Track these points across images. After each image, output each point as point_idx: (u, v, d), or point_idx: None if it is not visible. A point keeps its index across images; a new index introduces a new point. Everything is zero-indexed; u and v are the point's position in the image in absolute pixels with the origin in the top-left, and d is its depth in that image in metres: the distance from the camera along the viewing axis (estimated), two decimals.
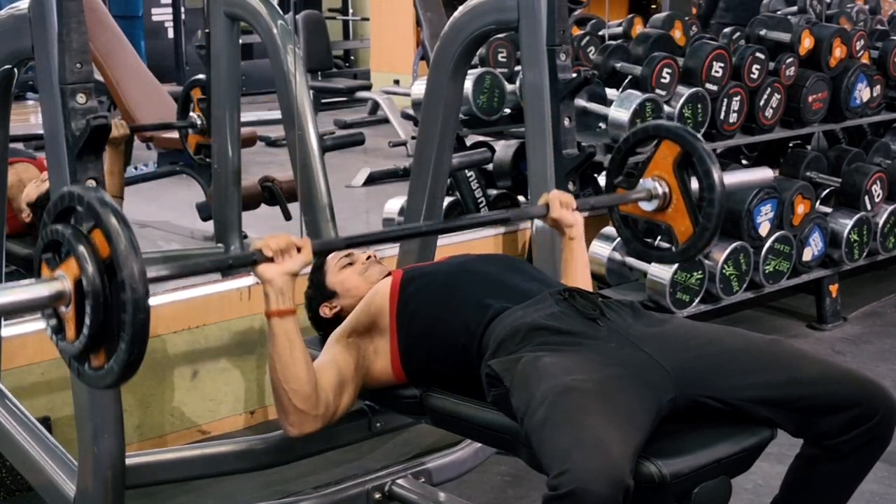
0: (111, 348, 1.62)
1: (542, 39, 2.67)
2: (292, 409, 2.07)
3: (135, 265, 1.57)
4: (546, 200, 2.36)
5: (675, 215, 2.39)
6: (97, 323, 1.61)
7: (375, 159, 6.54)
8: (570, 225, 2.36)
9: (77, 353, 1.66)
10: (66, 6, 2.03)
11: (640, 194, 2.40)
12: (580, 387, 1.82)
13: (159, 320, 3.19)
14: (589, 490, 1.62)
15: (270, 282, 1.97)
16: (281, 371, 2.04)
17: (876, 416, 1.89)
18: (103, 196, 1.62)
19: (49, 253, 1.68)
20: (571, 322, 2.03)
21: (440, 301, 2.20)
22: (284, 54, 3.52)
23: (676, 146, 2.36)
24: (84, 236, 1.62)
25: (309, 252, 2.00)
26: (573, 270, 2.38)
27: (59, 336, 1.70)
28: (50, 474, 2.41)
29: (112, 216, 1.59)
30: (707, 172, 2.32)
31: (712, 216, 2.32)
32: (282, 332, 2.02)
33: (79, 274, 1.61)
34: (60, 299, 1.65)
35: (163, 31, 9.59)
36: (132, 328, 1.57)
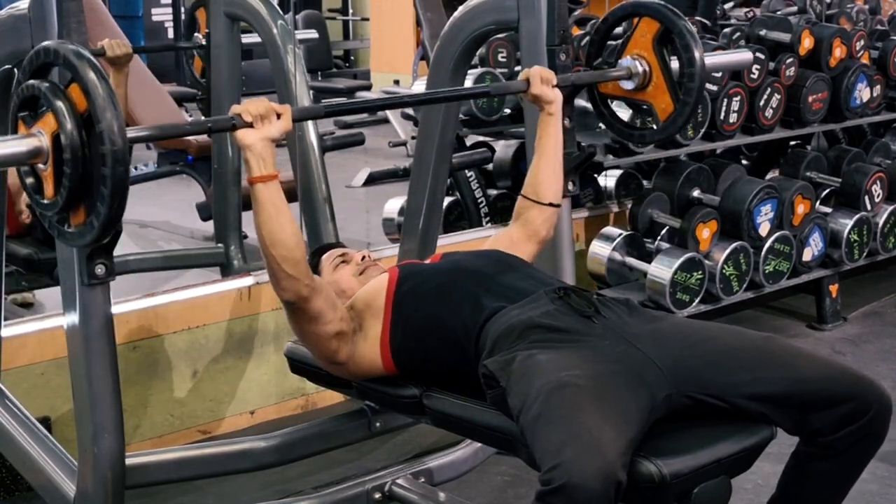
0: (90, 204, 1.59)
1: (542, 39, 2.67)
2: (283, 274, 2.05)
3: (113, 117, 1.55)
4: (527, 76, 2.37)
5: (655, 93, 2.40)
6: (76, 177, 1.58)
7: (375, 159, 6.54)
8: (550, 101, 2.38)
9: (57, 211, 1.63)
10: (66, 6, 2.02)
11: (620, 72, 2.41)
12: (574, 383, 1.82)
13: (159, 320, 3.19)
14: (580, 485, 1.62)
15: (250, 147, 1.96)
16: (268, 237, 2.03)
17: (869, 412, 1.90)
18: (80, 49, 1.60)
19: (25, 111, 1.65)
20: (566, 320, 2.03)
21: (435, 300, 2.20)
22: (284, 54, 3.52)
23: (656, 23, 2.37)
24: (61, 91, 1.59)
25: (289, 118, 2.00)
26: (547, 146, 2.41)
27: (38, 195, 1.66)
28: (50, 474, 2.41)
29: (89, 69, 1.56)
30: (686, 47, 2.32)
31: (692, 91, 2.33)
32: (266, 197, 2.01)
33: (56, 129, 1.58)
34: (38, 156, 1.62)
35: (163, 31, 9.59)
36: (112, 181, 1.55)
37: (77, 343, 2.18)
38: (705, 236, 3.82)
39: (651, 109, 2.41)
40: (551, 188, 2.42)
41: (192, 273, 4.24)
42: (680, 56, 2.34)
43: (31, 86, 1.63)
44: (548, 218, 2.42)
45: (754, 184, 3.93)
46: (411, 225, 3.13)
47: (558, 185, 2.44)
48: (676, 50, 2.35)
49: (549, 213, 2.42)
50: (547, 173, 2.42)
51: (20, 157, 1.62)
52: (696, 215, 3.82)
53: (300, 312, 2.14)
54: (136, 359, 3.14)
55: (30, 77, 1.65)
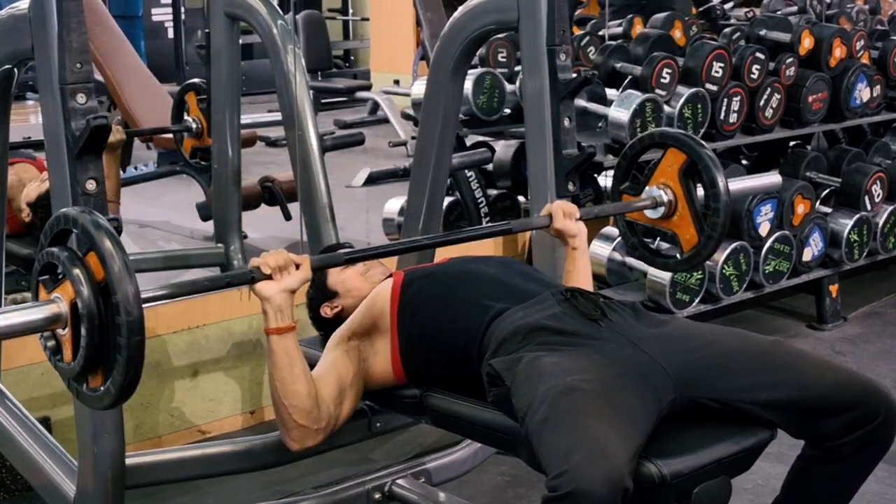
0: (108, 369, 1.63)
1: (542, 39, 2.67)
2: (293, 424, 2.07)
3: (129, 287, 1.58)
4: (549, 211, 2.36)
5: (680, 223, 2.39)
6: (93, 345, 1.62)
7: (375, 159, 6.54)
8: (574, 235, 2.36)
9: (75, 375, 1.67)
10: (66, 6, 2.02)
11: (645, 202, 2.40)
12: (581, 387, 1.82)
13: (159, 320, 3.19)
14: (588, 491, 1.62)
15: (269, 299, 1.97)
16: (281, 388, 2.04)
17: (877, 418, 1.89)
18: (97, 219, 1.63)
19: (45, 275, 1.70)
20: (572, 322, 2.03)
21: (441, 302, 2.19)
22: (284, 54, 3.52)
23: (682, 154, 2.36)
24: (79, 259, 1.63)
25: (307, 269, 1.99)
26: (575, 280, 2.36)
27: (56, 357, 1.71)
28: (50, 474, 2.41)
29: (106, 239, 1.60)
30: (713, 181, 2.32)
31: (717, 225, 2.32)
32: (281, 349, 2.01)
33: (74, 297, 1.62)
34: (57, 322, 1.66)
35: (163, 31, 9.59)
36: (127, 350, 1.59)
37: None
38: None
39: (675, 239, 2.41)
40: None
41: (192, 273, 4.24)
42: (706, 188, 2.34)
43: (51, 253, 1.67)
44: None
45: None
46: (411, 225, 3.13)
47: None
48: (702, 182, 2.34)
49: None
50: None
51: (39, 325, 1.67)
52: None
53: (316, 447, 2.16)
54: None
55: (50, 242, 1.68)
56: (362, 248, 2.29)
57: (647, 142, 2.47)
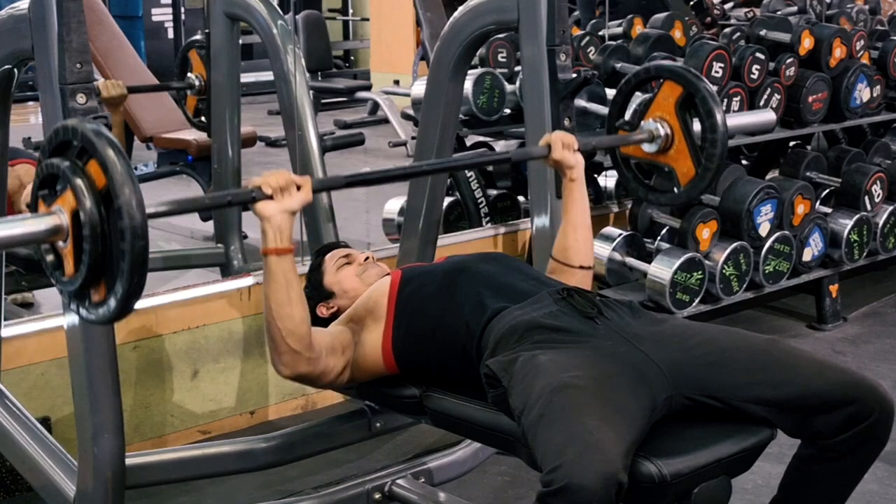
0: (110, 280, 1.59)
1: (542, 39, 2.67)
2: (286, 348, 2.05)
3: (131, 192, 1.55)
4: (548, 141, 2.34)
5: (676, 157, 2.37)
6: (95, 254, 1.59)
7: (375, 159, 6.55)
8: (572, 166, 2.34)
9: (77, 289, 1.63)
10: (66, 6, 2.02)
11: (641, 135, 2.38)
12: (576, 384, 1.82)
13: (159, 320, 3.19)
14: (582, 486, 1.62)
15: (269, 219, 1.95)
16: (276, 310, 2.02)
17: (871, 416, 1.89)
18: (98, 127, 1.61)
19: (45, 189, 1.66)
20: (569, 320, 2.03)
21: (439, 301, 2.19)
22: (284, 54, 3.52)
23: (679, 87, 2.35)
24: (80, 168, 1.60)
25: (309, 190, 1.98)
26: (574, 212, 2.37)
27: (58, 272, 1.67)
28: (50, 474, 2.41)
29: (107, 146, 1.57)
30: (709, 113, 2.30)
31: (714, 157, 2.31)
32: (279, 270, 2.00)
33: (75, 206, 1.59)
34: (58, 233, 1.62)
35: (163, 31, 9.59)
36: (131, 256, 1.56)
37: (77, 343, 2.18)
38: (705, 236, 3.82)
39: (672, 173, 2.39)
40: (580, 252, 2.38)
41: (192, 273, 4.24)
42: (703, 120, 2.32)
43: (51, 164, 1.64)
44: (580, 280, 2.36)
45: (754, 184, 3.93)
46: (411, 225, 3.13)
47: (588, 248, 2.40)
48: (699, 114, 2.33)
49: (580, 276, 2.37)
50: (576, 237, 2.37)
51: (40, 236, 1.63)
52: (696, 215, 3.82)
53: (303, 379, 2.16)
54: (136, 359, 3.14)
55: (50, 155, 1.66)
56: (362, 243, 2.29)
57: (644, 75, 2.45)
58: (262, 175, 1.96)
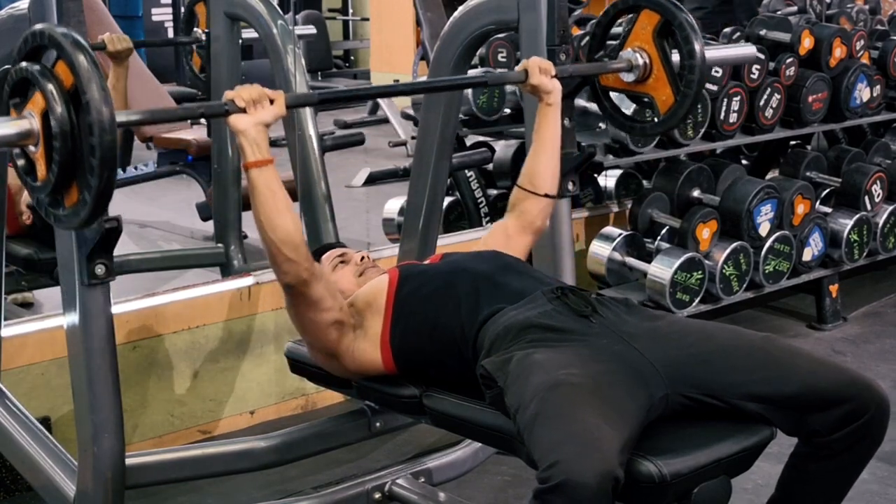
0: (82, 180, 1.60)
1: (542, 39, 2.67)
2: (283, 258, 2.06)
3: (98, 88, 1.57)
4: (525, 66, 2.36)
5: (655, 85, 2.39)
6: (66, 153, 1.60)
7: (375, 159, 6.54)
8: (549, 91, 2.37)
9: (49, 192, 1.64)
10: (66, 6, 2.03)
11: (620, 64, 2.40)
12: (570, 381, 1.83)
13: (159, 320, 3.19)
14: (578, 482, 1.62)
15: (244, 132, 1.97)
16: (266, 221, 2.03)
17: (867, 413, 1.89)
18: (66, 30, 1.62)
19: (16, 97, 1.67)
20: (563, 319, 2.03)
21: (435, 303, 2.20)
22: (284, 54, 3.52)
23: (656, 15, 2.36)
24: (48, 69, 1.61)
25: (282, 103, 2.00)
26: (545, 137, 2.40)
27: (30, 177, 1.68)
28: (50, 474, 2.41)
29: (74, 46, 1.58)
30: (686, 39, 2.32)
31: (693, 83, 2.32)
32: (262, 182, 2.01)
33: (45, 108, 1.60)
34: (29, 137, 1.64)
35: (163, 31, 9.59)
36: (100, 150, 1.56)
37: (77, 343, 2.18)
38: (705, 236, 3.82)
39: (652, 102, 2.40)
40: (548, 179, 2.42)
41: (192, 273, 4.24)
42: (680, 48, 2.34)
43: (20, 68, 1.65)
44: (543, 209, 2.43)
45: (754, 184, 3.93)
46: (411, 225, 3.13)
47: (555, 175, 2.44)
48: (677, 42, 2.35)
49: (544, 204, 2.43)
50: (544, 163, 2.42)
51: (10, 139, 1.64)
52: (696, 215, 3.82)
53: (300, 297, 2.14)
54: (136, 359, 3.14)
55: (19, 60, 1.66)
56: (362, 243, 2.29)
57: (621, 5, 2.46)
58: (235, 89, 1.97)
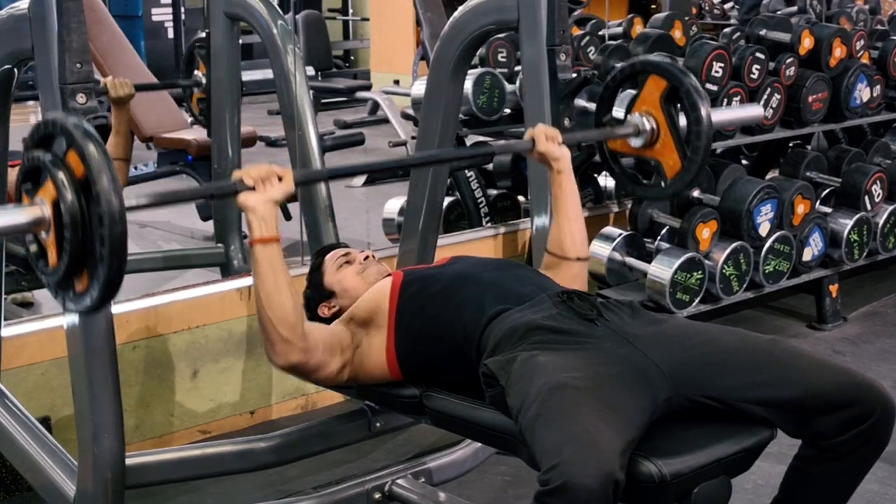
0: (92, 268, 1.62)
1: (542, 39, 2.67)
2: (278, 337, 2.06)
3: (108, 179, 1.58)
4: (532, 135, 2.35)
5: (663, 150, 2.39)
6: (76, 241, 1.61)
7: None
8: (557, 158, 2.35)
9: (60, 279, 1.66)
10: (66, 6, 2.03)
11: (627, 130, 2.40)
12: (573, 383, 1.82)
13: (159, 320, 3.19)
14: (579, 484, 1.62)
15: (253, 209, 1.98)
16: (265, 298, 2.04)
17: (872, 416, 1.89)
18: (77, 120, 1.64)
19: (28, 183, 1.69)
20: (568, 322, 2.03)
21: (440, 304, 2.20)
22: (284, 54, 3.52)
23: (663, 81, 2.36)
24: (59, 159, 1.63)
25: (290, 181, 2.01)
26: (563, 204, 2.37)
27: (41, 262, 1.70)
28: (50, 474, 2.41)
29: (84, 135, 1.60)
30: (694, 105, 2.31)
31: (700, 149, 2.32)
32: (265, 259, 2.02)
33: (56, 196, 1.62)
34: (41, 224, 1.65)
35: (163, 31, 9.59)
36: (110, 241, 1.58)
37: (77, 343, 2.18)
38: (705, 236, 3.82)
39: (659, 167, 2.40)
40: (575, 244, 2.38)
41: (192, 273, 4.24)
42: (687, 114, 2.33)
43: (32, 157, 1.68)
44: (577, 273, 2.37)
45: (754, 184, 3.93)
46: (411, 225, 3.13)
47: (582, 239, 2.40)
48: (684, 108, 2.34)
49: (577, 268, 2.37)
50: (569, 230, 2.37)
51: (23, 227, 1.67)
52: (696, 215, 3.82)
53: (298, 371, 2.16)
54: (136, 359, 3.14)
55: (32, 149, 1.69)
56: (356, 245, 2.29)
57: (629, 70, 2.46)
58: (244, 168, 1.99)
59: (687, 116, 2.34)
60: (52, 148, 1.66)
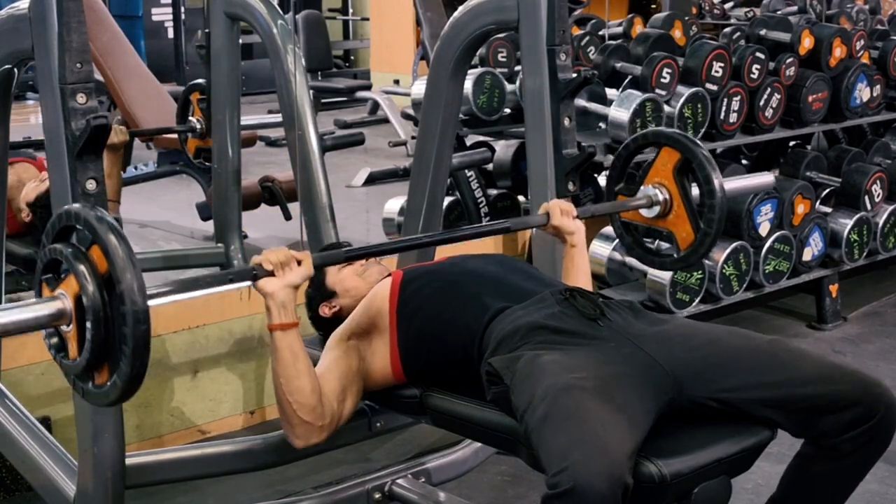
0: (114, 364, 1.63)
1: (542, 39, 2.67)
2: (298, 421, 2.08)
3: (133, 277, 1.58)
4: (546, 209, 2.37)
5: (676, 221, 2.40)
6: (98, 338, 1.62)
7: (375, 159, 6.55)
8: (571, 233, 2.37)
9: (80, 371, 1.67)
10: (66, 6, 2.02)
11: (640, 201, 2.41)
12: (580, 385, 1.82)
13: (159, 320, 3.18)
14: (588, 488, 1.62)
15: (272, 295, 1.98)
16: (285, 384, 2.05)
17: (876, 415, 1.89)
18: (100, 213, 1.64)
19: (49, 273, 1.70)
20: (571, 321, 2.03)
21: (440, 301, 2.20)
22: (284, 54, 3.52)
23: (676, 153, 2.37)
24: (82, 253, 1.63)
25: (309, 265, 2.00)
26: (574, 278, 2.38)
27: (61, 355, 1.70)
28: (50, 474, 2.41)
29: (109, 232, 1.60)
30: (707, 178, 2.32)
31: (713, 222, 2.33)
32: (285, 345, 2.02)
33: (78, 291, 1.62)
34: (61, 318, 1.66)
35: (163, 31, 9.59)
36: (133, 340, 1.59)
37: None
38: None
39: (672, 237, 2.41)
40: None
41: (191, 273, 4.24)
42: (701, 186, 2.34)
43: (55, 249, 1.67)
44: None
45: None
46: (411, 225, 3.13)
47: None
48: (697, 179, 2.35)
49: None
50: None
51: (44, 321, 1.66)
52: None
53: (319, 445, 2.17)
54: None
55: (53, 241, 1.68)
56: (363, 245, 2.29)
57: (641, 141, 2.48)
58: (262, 253, 1.98)
59: (700, 189, 2.35)
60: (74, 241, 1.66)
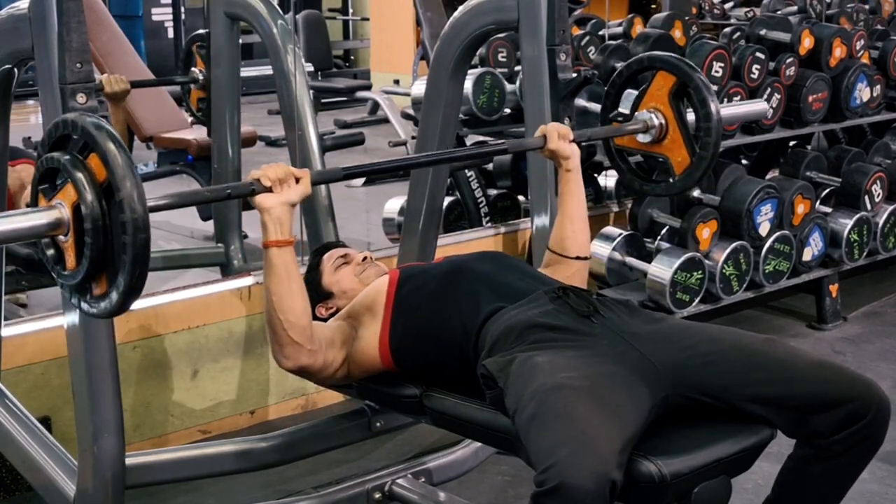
0: (112, 274, 1.60)
1: (542, 39, 2.67)
2: (287, 340, 2.06)
3: (132, 185, 1.56)
4: (543, 132, 2.35)
5: (671, 146, 2.39)
6: (97, 247, 1.59)
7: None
8: (567, 157, 2.35)
9: (78, 283, 1.64)
10: (66, 6, 2.02)
11: (636, 126, 2.39)
12: (570, 384, 1.82)
13: (159, 320, 3.19)
14: (574, 485, 1.62)
15: (269, 211, 1.97)
16: (277, 302, 2.03)
17: (868, 414, 1.89)
18: (99, 121, 1.62)
19: (45, 183, 1.67)
20: (565, 319, 2.03)
21: (436, 301, 2.20)
22: (284, 54, 3.52)
23: (672, 77, 2.36)
24: (80, 161, 1.60)
25: (308, 182, 1.99)
26: (569, 202, 2.38)
27: (58, 266, 1.68)
28: (50, 474, 2.41)
29: (108, 139, 1.58)
30: (703, 102, 2.31)
31: (709, 145, 2.32)
32: (280, 262, 2.01)
33: (76, 199, 1.59)
34: (59, 227, 1.63)
35: (163, 31, 9.59)
36: (133, 248, 1.56)
37: (77, 343, 2.18)
38: (705, 236, 3.82)
39: (667, 163, 2.40)
40: (577, 243, 2.39)
41: (192, 273, 4.24)
42: (696, 110, 2.33)
43: (51, 158, 1.64)
44: (577, 271, 2.38)
45: (754, 184, 3.93)
46: (411, 225, 3.13)
47: (584, 239, 2.41)
48: (693, 104, 2.34)
49: (577, 266, 2.38)
50: (572, 229, 2.38)
51: (41, 230, 1.63)
52: (696, 215, 3.82)
53: (305, 372, 2.16)
54: (136, 359, 3.14)
55: (49, 150, 1.65)
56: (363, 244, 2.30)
57: (636, 67, 2.46)
58: (260, 168, 1.97)
59: (696, 113, 2.34)
60: (72, 149, 1.63)
